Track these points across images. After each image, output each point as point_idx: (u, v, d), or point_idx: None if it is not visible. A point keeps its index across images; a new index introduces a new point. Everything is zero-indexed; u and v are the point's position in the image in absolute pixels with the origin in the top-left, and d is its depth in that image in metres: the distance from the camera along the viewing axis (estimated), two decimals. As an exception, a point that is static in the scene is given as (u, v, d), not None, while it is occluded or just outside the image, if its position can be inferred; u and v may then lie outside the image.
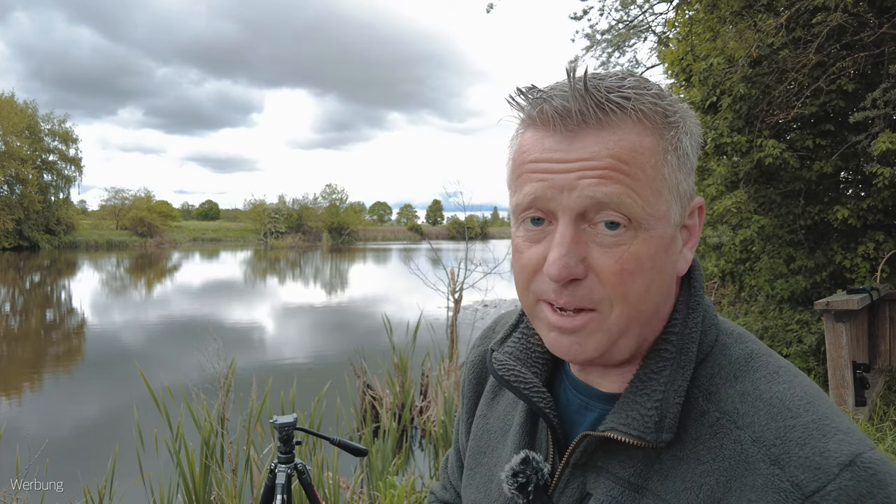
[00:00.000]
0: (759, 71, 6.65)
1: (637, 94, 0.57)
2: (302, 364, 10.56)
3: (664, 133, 0.58)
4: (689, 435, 0.58)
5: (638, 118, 0.57)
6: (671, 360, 0.60)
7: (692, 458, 0.57)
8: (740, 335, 0.64)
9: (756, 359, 0.61)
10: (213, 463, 4.08)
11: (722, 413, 0.58)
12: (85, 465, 5.19)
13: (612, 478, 0.61)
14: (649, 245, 0.57)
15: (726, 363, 0.61)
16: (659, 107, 0.58)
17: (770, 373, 0.59)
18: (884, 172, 5.65)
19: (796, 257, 7.07)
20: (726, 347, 0.62)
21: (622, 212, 0.56)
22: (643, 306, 0.59)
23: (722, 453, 0.56)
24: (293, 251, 59.03)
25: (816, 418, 0.55)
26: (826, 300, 4.75)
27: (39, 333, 14.76)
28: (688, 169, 0.60)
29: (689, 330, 0.61)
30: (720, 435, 0.57)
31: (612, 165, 0.55)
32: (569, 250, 0.57)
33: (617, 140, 0.56)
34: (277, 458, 2.40)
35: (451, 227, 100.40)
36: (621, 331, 0.59)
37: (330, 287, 26.62)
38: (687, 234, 0.63)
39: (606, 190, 0.55)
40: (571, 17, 10.73)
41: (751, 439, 0.55)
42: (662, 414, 0.58)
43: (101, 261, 41.93)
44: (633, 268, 0.57)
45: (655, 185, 0.57)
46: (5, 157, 51.11)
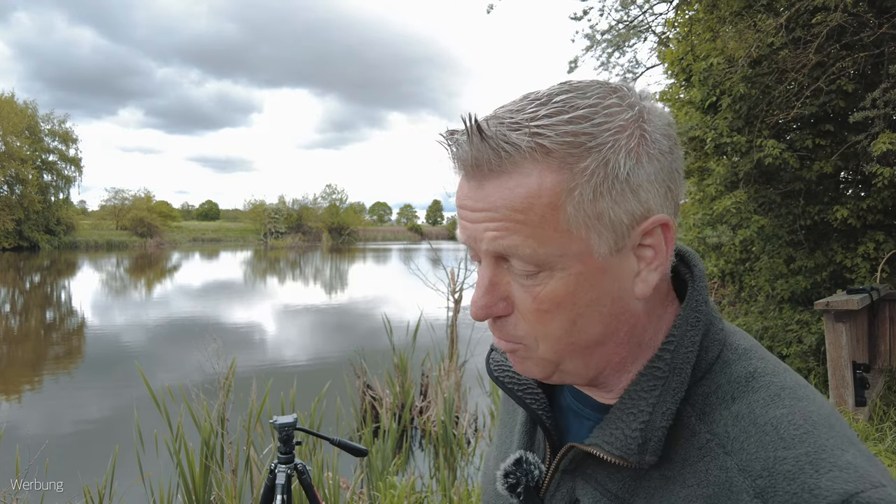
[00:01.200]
0: (758, 71, 6.65)
1: (541, 127, 0.54)
2: (302, 364, 10.56)
3: (575, 165, 0.54)
4: (678, 455, 0.56)
5: (540, 157, 0.53)
6: (663, 380, 0.57)
7: (679, 480, 0.55)
8: (746, 351, 0.60)
9: (758, 378, 0.57)
10: (213, 463, 4.08)
11: (713, 435, 0.55)
12: (85, 465, 5.19)
13: (599, 488, 0.60)
14: (567, 283, 0.56)
15: (725, 382, 0.57)
16: (571, 135, 0.54)
17: (771, 395, 0.55)
18: (884, 172, 5.65)
19: (796, 257, 7.08)
20: (728, 365, 0.59)
21: (523, 259, 0.55)
22: (572, 339, 0.58)
23: (707, 479, 0.53)
24: (293, 251, 59.03)
25: (812, 450, 0.50)
26: (826, 300, 4.75)
27: (39, 334, 14.76)
28: (620, 193, 0.55)
29: (686, 348, 0.58)
30: (707, 459, 0.54)
31: (508, 216, 0.54)
32: (486, 292, 0.58)
33: (513, 187, 0.54)
34: (277, 459, 2.41)
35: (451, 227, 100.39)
36: (556, 360, 0.59)
37: (330, 287, 26.62)
38: (651, 253, 0.58)
39: (505, 243, 0.55)
40: (571, 17, 10.73)
41: (737, 467, 0.52)
42: (647, 437, 0.55)
43: (101, 261, 41.93)
44: (550, 307, 0.56)
45: (561, 225, 0.54)
46: (5, 157, 51.12)
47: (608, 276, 0.57)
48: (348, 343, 10.86)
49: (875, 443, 4.07)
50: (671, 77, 9.05)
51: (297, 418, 2.44)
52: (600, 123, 0.54)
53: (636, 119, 0.56)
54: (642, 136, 0.55)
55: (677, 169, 0.58)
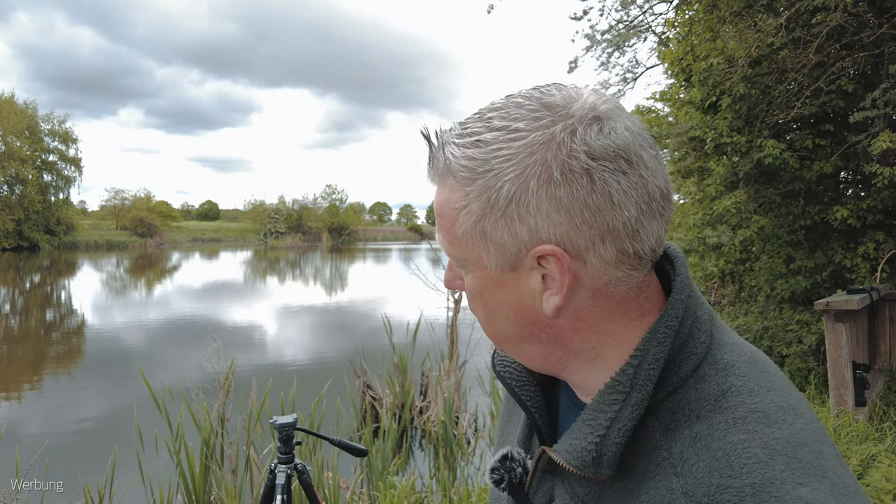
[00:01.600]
0: (758, 71, 6.65)
1: (456, 146, 0.59)
2: (302, 364, 10.56)
3: (466, 187, 0.58)
4: (639, 469, 0.56)
5: (453, 174, 0.60)
6: (624, 395, 0.56)
7: (635, 494, 0.55)
8: (727, 366, 0.57)
9: (728, 398, 0.55)
10: (213, 463, 4.08)
11: (669, 454, 0.54)
12: (85, 466, 5.19)
13: (570, 491, 0.62)
14: (474, 283, 0.63)
15: (694, 399, 0.55)
16: (467, 159, 0.58)
17: (735, 417, 0.53)
18: (883, 172, 5.65)
19: (796, 257, 7.08)
20: (703, 380, 0.56)
21: (448, 253, 0.65)
22: (492, 330, 0.65)
23: (655, 497, 0.53)
24: (293, 251, 59.03)
25: (759, 482, 0.48)
26: (826, 300, 4.75)
27: (39, 334, 14.76)
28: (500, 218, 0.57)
29: (649, 365, 0.56)
30: (659, 477, 0.53)
31: (438, 219, 0.64)
32: (448, 268, 0.68)
33: (439, 193, 0.63)
34: (277, 459, 2.41)
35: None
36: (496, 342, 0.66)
37: (330, 287, 26.62)
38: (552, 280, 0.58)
39: (439, 238, 0.65)
40: (571, 17, 10.72)
41: (681, 490, 0.51)
42: (601, 451, 0.55)
43: (101, 261, 41.93)
44: (471, 296, 0.65)
45: (459, 235, 0.61)
46: (5, 157, 51.11)
47: (506, 288, 0.61)
48: (348, 343, 10.86)
49: (875, 443, 4.07)
50: (671, 77, 9.05)
51: (297, 418, 2.44)
52: (496, 149, 0.57)
53: (546, 143, 0.55)
54: (544, 162, 0.54)
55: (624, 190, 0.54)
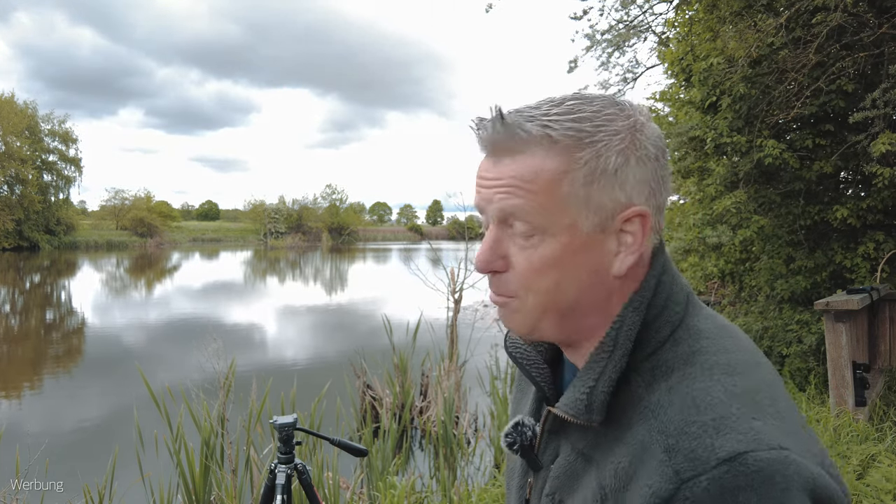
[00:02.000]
0: (758, 71, 6.64)
1: (552, 121, 0.66)
2: (302, 364, 10.57)
3: (573, 154, 0.66)
4: (625, 418, 0.65)
5: (546, 143, 0.66)
6: (609, 353, 0.68)
7: (622, 439, 0.65)
8: (699, 332, 0.68)
9: (697, 355, 0.66)
10: (213, 463, 4.08)
11: (649, 403, 0.64)
12: (85, 466, 5.19)
13: (572, 446, 0.72)
14: (555, 249, 0.67)
15: (671, 358, 0.66)
16: (573, 131, 0.66)
17: (703, 370, 0.64)
18: (884, 173, 5.65)
19: (796, 257, 7.07)
20: (677, 343, 0.67)
21: (526, 220, 0.67)
22: (556, 298, 0.69)
23: (637, 438, 0.63)
24: (293, 251, 59.03)
25: (719, 417, 0.59)
26: (826, 300, 4.75)
27: (39, 333, 14.76)
28: (607, 183, 0.67)
29: (627, 328, 0.68)
30: (641, 422, 0.63)
31: (514, 183, 0.67)
32: (488, 248, 0.70)
33: (522, 162, 0.67)
34: (277, 459, 2.41)
35: (451, 227, 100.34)
36: (538, 316, 0.70)
37: (330, 287, 26.62)
38: (630, 239, 0.68)
39: (511, 202, 0.67)
40: (571, 17, 10.72)
41: (658, 429, 0.61)
42: (591, 400, 0.67)
43: (101, 261, 41.93)
44: (540, 266, 0.68)
45: (556, 199, 0.66)
46: (5, 157, 51.11)
47: (589, 251, 0.68)
48: (348, 343, 10.86)
49: (875, 443, 4.07)
50: (671, 77, 9.05)
51: (297, 418, 2.44)
52: (599, 125, 0.67)
53: (630, 128, 0.67)
54: (633, 142, 0.67)
55: (663, 176, 0.69)
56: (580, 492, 0.68)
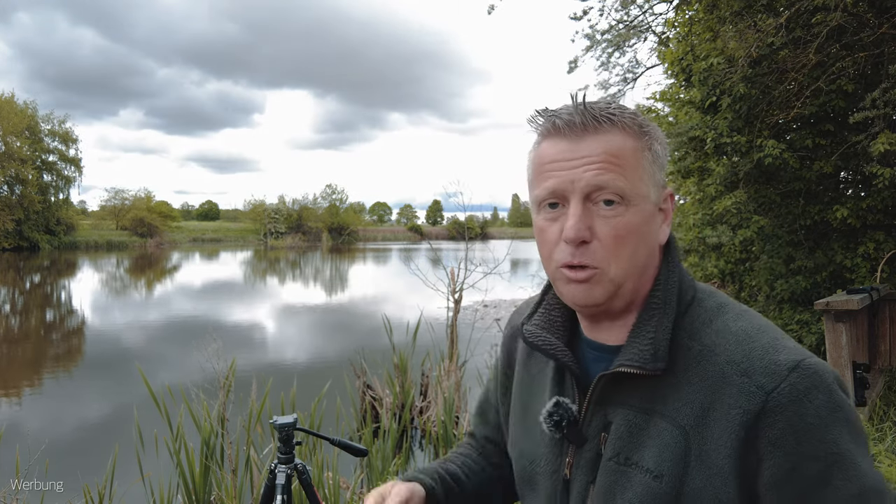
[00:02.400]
0: (758, 71, 6.64)
1: (620, 111, 0.81)
2: (302, 364, 10.56)
3: (640, 138, 0.81)
4: (679, 366, 0.78)
5: (622, 127, 0.79)
6: (658, 309, 0.80)
7: (684, 382, 0.77)
8: (712, 292, 0.86)
9: (725, 307, 0.82)
10: (213, 463, 4.08)
11: (703, 346, 0.78)
12: (85, 466, 5.19)
13: (625, 406, 0.81)
14: (636, 216, 0.79)
15: (703, 312, 0.82)
16: (635, 121, 0.81)
17: (735, 315, 0.80)
18: (883, 172, 5.64)
19: (796, 257, 7.07)
20: (701, 301, 0.83)
21: (616, 192, 0.77)
22: (633, 263, 0.80)
23: (706, 374, 0.76)
24: (293, 251, 59.01)
25: (769, 340, 0.76)
26: (826, 300, 4.75)
27: (39, 334, 14.76)
28: (659, 165, 0.83)
29: (670, 286, 0.82)
30: (703, 362, 0.77)
31: (606, 159, 0.78)
32: (579, 220, 0.78)
33: (608, 140, 0.79)
34: (277, 459, 2.41)
35: (451, 227, 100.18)
36: (619, 282, 0.79)
37: (330, 287, 26.62)
38: (663, 215, 0.85)
39: (605, 177, 0.77)
40: (571, 17, 10.71)
41: (725, 361, 0.76)
42: (655, 347, 0.78)
43: (101, 261, 41.92)
44: (625, 233, 0.78)
45: (638, 172, 0.79)
46: (5, 157, 51.07)
47: (652, 221, 0.82)
48: (348, 343, 10.86)
49: (875, 443, 4.07)
50: (671, 77, 9.05)
51: (297, 418, 2.44)
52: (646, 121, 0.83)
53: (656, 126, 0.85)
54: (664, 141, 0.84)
55: None
56: (651, 442, 0.77)
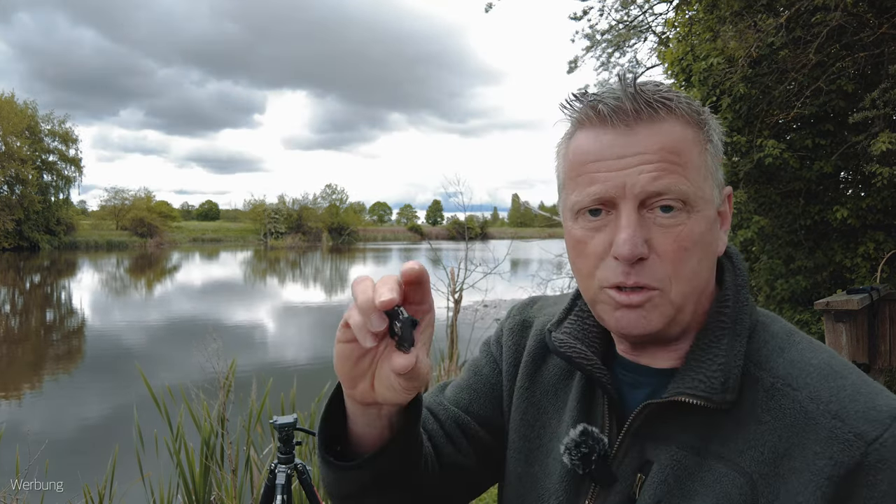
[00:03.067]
0: (758, 71, 6.64)
1: (675, 95, 0.66)
2: (302, 364, 10.56)
3: (701, 127, 0.67)
4: (745, 400, 0.64)
5: (680, 114, 0.66)
6: (728, 330, 0.66)
7: (752, 419, 0.63)
8: (773, 315, 0.72)
9: (795, 334, 0.69)
10: (213, 463, 4.08)
11: (776, 378, 0.64)
12: (85, 466, 5.19)
13: (673, 443, 0.66)
14: (700, 223, 0.65)
15: (770, 338, 0.67)
16: (691, 107, 0.67)
17: (811, 345, 0.67)
18: (883, 172, 5.64)
19: (796, 257, 7.07)
20: (766, 325, 0.69)
21: (678, 197, 0.63)
22: (697, 280, 0.66)
23: (782, 413, 0.62)
24: (293, 251, 58.99)
25: (858, 380, 0.63)
26: (826, 300, 4.74)
27: (39, 334, 14.75)
28: (720, 161, 0.68)
29: (741, 303, 0.68)
30: (777, 397, 0.63)
31: (665, 158, 0.63)
32: (635, 232, 0.63)
33: (666, 132, 0.64)
34: (277, 459, 2.41)
35: (451, 227, 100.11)
36: (680, 305, 0.66)
37: (330, 287, 26.61)
38: (721, 218, 0.69)
39: (665, 181, 0.63)
40: (571, 17, 10.71)
41: (808, 398, 0.61)
42: (726, 375, 0.64)
43: (101, 261, 41.91)
44: (689, 245, 0.64)
45: (701, 171, 0.65)
46: (5, 157, 51.06)
47: (715, 226, 0.68)
48: (348, 343, 10.84)
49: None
50: (671, 77, 9.03)
51: (297, 418, 2.44)
52: (701, 106, 0.68)
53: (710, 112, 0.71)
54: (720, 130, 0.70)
55: None
56: (705, 491, 0.63)
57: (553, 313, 0.84)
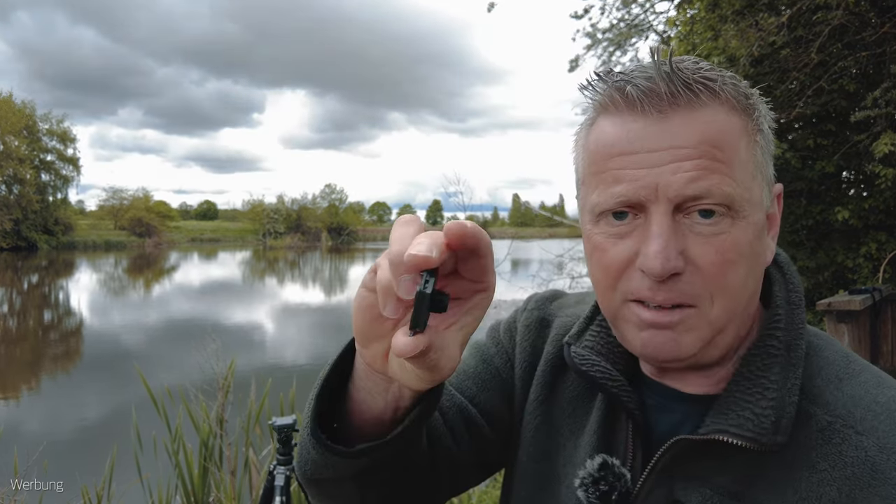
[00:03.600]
0: (760, 70, 6.63)
1: (719, 75, 0.54)
2: (302, 364, 10.54)
3: (750, 114, 0.55)
4: (795, 440, 0.53)
5: (725, 98, 0.54)
6: (780, 357, 0.55)
7: (804, 465, 0.53)
8: (826, 336, 0.60)
9: (854, 362, 0.57)
10: (211, 464, 4.06)
11: (834, 417, 0.53)
12: (84, 466, 5.16)
13: (707, 485, 0.56)
14: (747, 231, 0.54)
15: (825, 365, 0.56)
16: (738, 90, 0.55)
17: (875, 376, 0.56)
18: (886, 173, 5.63)
19: (798, 257, 7.06)
20: (819, 349, 0.58)
21: (721, 201, 0.52)
22: (742, 297, 0.55)
23: (842, 461, 0.51)
24: (292, 251, 59.00)
25: None
26: (828, 301, 4.73)
27: (38, 334, 14.73)
28: (770, 153, 0.57)
29: (796, 325, 0.57)
30: (836, 441, 0.52)
31: (706, 153, 0.52)
32: (668, 242, 0.53)
33: (707, 121, 0.52)
34: (276, 460, 2.39)
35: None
36: (721, 327, 0.55)
37: (329, 287, 26.60)
38: (769, 222, 0.58)
39: (706, 183, 0.52)
40: (572, 15, 10.70)
41: (876, 446, 0.51)
42: (779, 414, 0.53)
43: (100, 261, 41.89)
44: (734, 256, 0.53)
45: (749, 168, 0.54)
46: (3, 156, 51.05)
47: (764, 233, 0.56)
48: (348, 343, 10.83)
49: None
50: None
51: (297, 419, 2.42)
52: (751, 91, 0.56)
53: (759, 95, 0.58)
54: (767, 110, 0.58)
55: None
56: None
57: (574, 316, 0.73)
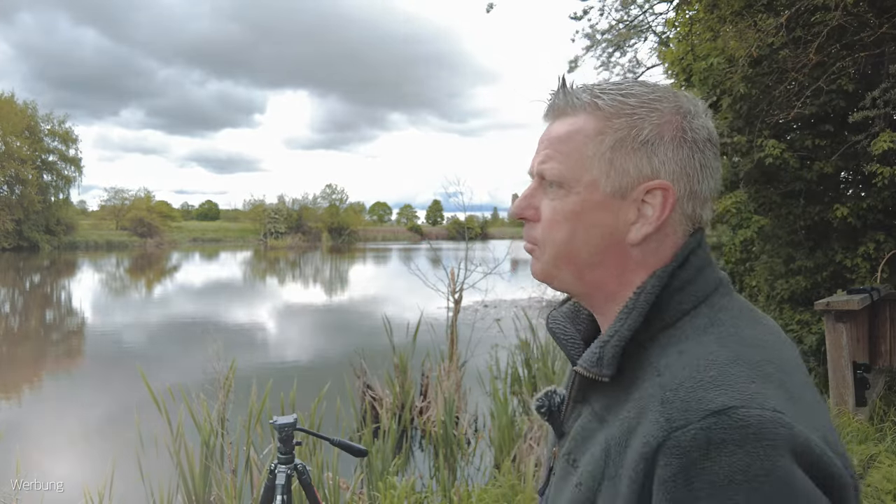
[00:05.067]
0: (759, 71, 6.64)
1: (604, 92, 0.74)
2: (302, 364, 10.56)
3: (611, 120, 0.73)
4: (637, 380, 0.68)
5: (590, 110, 0.74)
6: (626, 314, 0.71)
7: (630, 397, 0.67)
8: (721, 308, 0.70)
9: (716, 326, 0.68)
10: (212, 463, 4.08)
11: (658, 365, 0.66)
12: (85, 466, 5.19)
13: (589, 409, 0.75)
14: (574, 204, 0.74)
15: (689, 328, 0.69)
16: (617, 102, 0.73)
17: (717, 338, 0.66)
18: (884, 172, 5.64)
19: (796, 257, 7.07)
20: (697, 317, 0.70)
21: (554, 178, 0.75)
22: (568, 250, 0.75)
23: (642, 394, 0.65)
24: (293, 251, 58.99)
25: (717, 376, 0.60)
26: (826, 300, 4.74)
27: (39, 334, 14.76)
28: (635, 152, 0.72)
29: (647, 293, 0.71)
30: (648, 380, 0.66)
31: (552, 145, 0.76)
32: (523, 198, 0.79)
33: (566, 124, 0.75)
34: (277, 459, 2.40)
35: (451, 227, 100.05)
36: (552, 264, 0.77)
37: (330, 287, 26.61)
38: (650, 211, 0.72)
39: (545, 165, 0.76)
40: (571, 17, 10.71)
41: (660, 384, 0.64)
42: (602, 353, 0.70)
43: (101, 261, 41.92)
44: (559, 218, 0.75)
45: (583, 156, 0.74)
46: (5, 157, 51.07)
47: (605, 212, 0.74)
48: (348, 343, 10.85)
49: (875, 443, 4.07)
50: (671, 77, 9.04)
51: (297, 418, 2.44)
52: (643, 102, 0.73)
53: (675, 111, 0.73)
54: (673, 123, 0.72)
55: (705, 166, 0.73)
56: (590, 450, 0.71)
57: None
